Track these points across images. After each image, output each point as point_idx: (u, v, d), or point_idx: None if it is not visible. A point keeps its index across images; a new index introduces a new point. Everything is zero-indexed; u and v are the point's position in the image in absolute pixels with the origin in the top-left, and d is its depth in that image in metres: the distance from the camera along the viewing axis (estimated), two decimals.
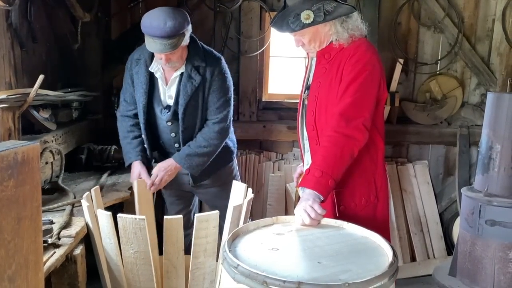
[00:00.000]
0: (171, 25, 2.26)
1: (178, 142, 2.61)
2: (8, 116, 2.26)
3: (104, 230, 1.93)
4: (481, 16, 3.75)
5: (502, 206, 2.10)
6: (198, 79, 2.47)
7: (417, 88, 3.88)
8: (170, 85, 2.52)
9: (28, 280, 1.31)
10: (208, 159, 2.58)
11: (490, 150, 2.18)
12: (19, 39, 2.59)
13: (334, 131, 1.89)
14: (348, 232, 1.73)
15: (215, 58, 2.56)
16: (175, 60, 2.42)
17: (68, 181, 2.78)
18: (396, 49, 3.74)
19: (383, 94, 2.05)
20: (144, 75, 2.52)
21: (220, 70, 2.53)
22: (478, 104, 3.87)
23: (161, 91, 2.56)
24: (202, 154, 2.55)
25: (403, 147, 3.96)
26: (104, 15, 3.60)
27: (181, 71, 2.48)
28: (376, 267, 1.42)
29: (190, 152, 2.53)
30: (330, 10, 1.94)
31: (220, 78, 2.52)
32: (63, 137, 2.89)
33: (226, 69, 2.59)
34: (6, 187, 1.18)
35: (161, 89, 2.56)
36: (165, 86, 2.54)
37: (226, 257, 1.46)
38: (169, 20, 2.27)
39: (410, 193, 3.83)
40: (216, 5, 3.68)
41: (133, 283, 1.95)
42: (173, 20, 2.27)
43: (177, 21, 2.28)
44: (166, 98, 2.56)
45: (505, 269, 2.10)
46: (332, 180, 1.82)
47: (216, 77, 2.51)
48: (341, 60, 2.00)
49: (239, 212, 2.08)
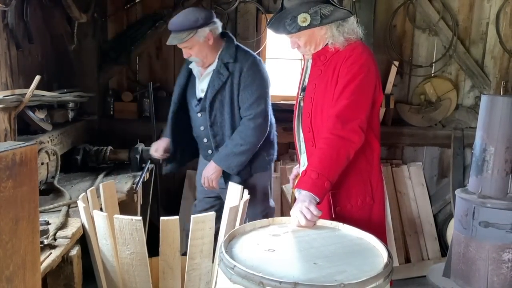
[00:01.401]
0: (180, 20, 2.54)
1: (207, 136, 2.75)
2: (4, 117, 2.26)
3: (100, 231, 1.93)
4: (475, 20, 3.79)
5: (495, 208, 2.12)
6: (225, 75, 2.63)
7: (412, 91, 3.91)
8: (202, 80, 2.74)
9: (25, 280, 1.31)
10: (247, 158, 2.67)
11: (484, 152, 2.21)
12: (15, 39, 2.58)
13: (330, 133, 1.90)
14: (343, 233, 1.74)
15: (246, 56, 2.68)
16: (194, 56, 2.64)
17: (64, 182, 2.77)
18: (391, 51, 3.77)
19: (379, 96, 2.07)
20: (184, 70, 2.85)
21: (250, 67, 2.63)
22: (472, 107, 3.90)
23: (196, 85, 2.79)
24: (239, 153, 2.64)
25: (397, 149, 3.98)
26: (101, 16, 3.60)
27: (213, 67, 2.67)
28: (371, 268, 1.43)
29: (227, 152, 2.64)
30: (327, 14, 1.95)
31: (250, 75, 2.63)
32: (59, 138, 2.88)
33: (259, 67, 2.69)
34: (5, 188, 1.18)
35: (196, 83, 2.79)
36: (199, 81, 2.76)
37: (222, 258, 1.47)
38: (182, 16, 2.55)
39: (404, 194, 3.85)
40: (212, 6, 3.69)
41: (129, 284, 1.95)
42: (185, 16, 2.55)
43: (188, 18, 2.54)
44: (199, 91, 2.75)
45: (499, 270, 2.13)
46: (328, 181, 1.83)
47: (246, 74, 2.63)
48: (336, 62, 2.01)
49: (235, 213, 2.09)
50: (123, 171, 3.04)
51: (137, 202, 2.73)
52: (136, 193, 2.70)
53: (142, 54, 3.79)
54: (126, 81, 3.85)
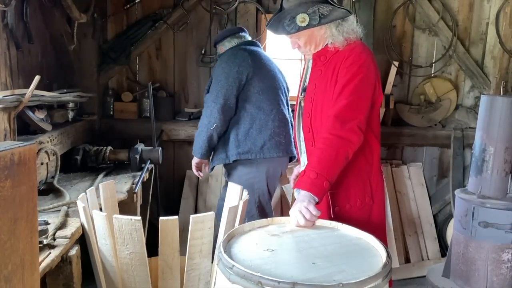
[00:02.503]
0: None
1: None
2: (4, 117, 2.26)
3: (100, 231, 1.93)
4: (475, 20, 3.79)
5: (495, 208, 2.12)
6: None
7: (411, 91, 3.91)
8: None
9: (24, 280, 1.31)
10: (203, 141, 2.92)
11: (484, 153, 2.21)
12: (15, 39, 2.58)
13: (329, 133, 1.90)
14: (342, 233, 1.74)
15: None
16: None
17: (64, 182, 2.77)
18: (391, 51, 3.77)
19: (379, 96, 2.06)
20: None
21: (219, 63, 2.89)
22: (472, 107, 3.90)
23: None
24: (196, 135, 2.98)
25: (397, 149, 3.98)
26: (100, 16, 3.60)
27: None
28: (370, 268, 1.43)
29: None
30: (325, 13, 1.95)
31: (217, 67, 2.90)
32: (58, 138, 2.88)
33: (224, 62, 2.86)
34: (3, 188, 1.18)
35: None
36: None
37: (221, 258, 1.47)
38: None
39: (404, 195, 3.85)
40: (212, 6, 3.69)
41: (128, 284, 1.95)
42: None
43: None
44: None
45: (498, 270, 2.12)
46: (327, 181, 1.83)
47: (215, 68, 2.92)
48: (336, 62, 2.01)
49: (234, 213, 2.09)
50: (123, 171, 3.04)
51: (136, 202, 2.73)
52: (136, 193, 2.70)
53: (142, 54, 3.80)
54: (126, 81, 3.85)
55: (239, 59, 2.81)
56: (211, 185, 3.79)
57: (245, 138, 2.84)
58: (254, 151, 2.85)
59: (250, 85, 2.82)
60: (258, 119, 2.85)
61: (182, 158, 3.89)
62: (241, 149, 2.85)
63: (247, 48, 2.90)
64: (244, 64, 2.80)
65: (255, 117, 2.85)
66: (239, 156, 2.86)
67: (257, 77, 2.83)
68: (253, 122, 2.85)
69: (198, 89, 3.86)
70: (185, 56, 3.81)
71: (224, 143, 2.90)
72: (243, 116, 2.85)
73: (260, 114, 2.84)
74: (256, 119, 2.85)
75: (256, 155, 2.85)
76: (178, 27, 3.73)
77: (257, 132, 2.84)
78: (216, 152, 2.95)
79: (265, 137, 2.83)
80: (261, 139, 2.84)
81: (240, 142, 2.85)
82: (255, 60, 2.85)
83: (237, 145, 2.86)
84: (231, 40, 2.95)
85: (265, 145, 2.84)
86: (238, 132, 2.86)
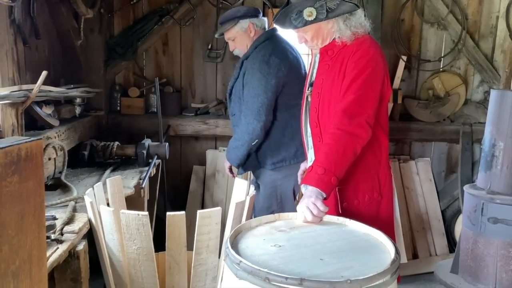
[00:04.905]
0: (224, 14, 2.86)
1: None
2: (11, 112, 2.27)
3: (107, 226, 1.94)
4: (484, 13, 3.74)
5: (504, 204, 2.10)
6: (238, 69, 2.87)
7: (420, 85, 3.87)
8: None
9: (31, 275, 1.32)
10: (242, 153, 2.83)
11: (493, 148, 2.18)
12: (22, 35, 2.59)
13: (337, 128, 1.89)
14: (350, 229, 1.73)
15: (257, 54, 2.75)
16: (237, 47, 2.90)
17: (71, 177, 2.78)
18: (399, 46, 3.74)
19: (387, 91, 2.05)
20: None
21: (252, 65, 2.73)
22: (481, 102, 3.85)
23: None
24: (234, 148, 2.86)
25: (405, 144, 3.95)
26: (107, 11, 3.60)
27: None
28: (378, 264, 1.42)
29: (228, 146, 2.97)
30: (332, 7, 1.94)
31: (249, 73, 2.74)
32: (66, 133, 2.89)
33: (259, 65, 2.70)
34: (10, 183, 1.18)
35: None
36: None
37: (228, 253, 1.47)
38: (228, 11, 2.88)
39: (412, 190, 3.83)
40: (218, 1, 3.67)
41: (136, 279, 1.95)
42: (230, 10, 2.87)
43: (231, 11, 2.85)
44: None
45: (507, 266, 2.11)
46: (335, 177, 1.81)
47: (247, 72, 2.75)
48: (344, 57, 2.00)
49: (241, 208, 2.08)
50: (130, 167, 3.05)
51: (143, 197, 2.74)
52: (143, 188, 2.70)
53: (148, 49, 3.79)
54: (132, 76, 3.85)
55: (273, 69, 2.67)
56: (218, 180, 3.79)
57: (278, 147, 2.80)
58: (288, 158, 2.80)
59: (281, 93, 2.73)
60: (290, 126, 2.77)
61: (189, 153, 3.89)
62: (275, 158, 2.81)
63: (276, 52, 2.73)
64: (279, 74, 2.67)
65: (287, 124, 2.77)
66: (274, 166, 2.82)
67: (288, 85, 2.73)
68: (284, 129, 2.78)
69: (205, 85, 3.85)
70: (192, 51, 3.80)
71: (257, 152, 2.84)
72: (274, 124, 2.78)
73: (292, 121, 2.74)
74: (287, 127, 2.77)
75: (291, 161, 2.80)
76: (184, 22, 3.72)
77: (289, 139, 2.78)
78: (248, 159, 2.87)
79: (297, 143, 2.70)
80: (293, 146, 2.77)
81: (273, 152, 2.81)
82: (286, 66, 2.72)
83: (271, 154, 2.81)
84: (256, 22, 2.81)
85: (298, 151, 2.76)
86: (270, 141, 2.80)
